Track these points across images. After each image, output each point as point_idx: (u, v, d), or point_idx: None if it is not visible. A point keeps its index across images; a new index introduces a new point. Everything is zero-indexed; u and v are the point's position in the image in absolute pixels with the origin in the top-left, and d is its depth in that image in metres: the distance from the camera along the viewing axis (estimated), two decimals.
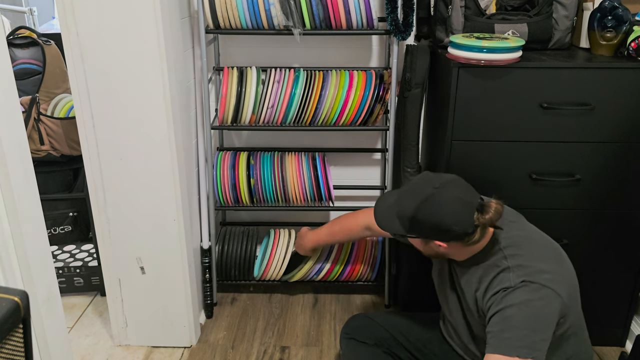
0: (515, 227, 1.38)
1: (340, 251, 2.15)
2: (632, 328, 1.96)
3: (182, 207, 1.81)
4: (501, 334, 1.23)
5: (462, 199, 1.27)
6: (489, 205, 1.28)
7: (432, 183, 1.31)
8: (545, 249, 1.35)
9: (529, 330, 1.21)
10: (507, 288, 1.26)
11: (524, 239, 1.35)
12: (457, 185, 1.31)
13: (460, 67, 1.61)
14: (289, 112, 1.95)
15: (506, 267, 1.29)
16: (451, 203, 1.27)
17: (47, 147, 2.24)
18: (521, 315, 1.22)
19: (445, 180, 1.32)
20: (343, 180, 2.35)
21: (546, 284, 1.24)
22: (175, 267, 1.89)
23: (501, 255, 1.32)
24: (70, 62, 1.63)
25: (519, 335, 1.21)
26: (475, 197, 1.30)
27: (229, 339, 2.06)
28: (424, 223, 1.29)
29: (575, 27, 1.82)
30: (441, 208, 1.27)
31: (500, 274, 1.29)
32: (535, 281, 1.25)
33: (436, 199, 1.28)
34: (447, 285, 1.49)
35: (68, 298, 2.27)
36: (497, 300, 1.27)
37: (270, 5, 1.81)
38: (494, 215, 1.26)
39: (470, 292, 1.37)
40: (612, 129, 1.67)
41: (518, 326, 1.22)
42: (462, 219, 1.26)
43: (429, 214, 1.28)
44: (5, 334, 0.73)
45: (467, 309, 1.41)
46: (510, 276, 1.27)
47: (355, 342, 1.64)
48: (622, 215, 1.78)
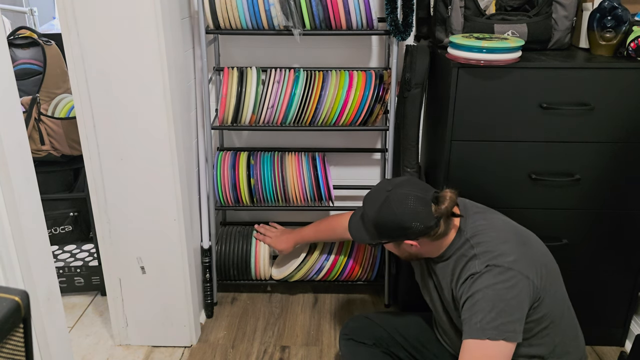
0: (479, 217, 1.41)
1: (340, 251, 2.15)
2: (631, 328, 1.96)
3: (182, 207, 1.81)
4: (470, 320, 1.26)
5: (415, 195, 1.33)
6: (443, 195, 1.33)
7: (385, 187, 1.38)
8: (507, 233, 1.37)
9: (495, 312, 1.23)
10: (474, 274, 1.30)
11: (488, 226, 1.38)
12: (408, 183, 1.37)
13: (460, 67, 1.61)
14: (289, 112, 1.95)
15: (473, 255, 1.32)
16: (405, 200, 1.32)
17: (48, 147, 2.24)
18: (487, 299, 1.25)
19: (397, 182, 1.39)
20: (343, 180, 2.35)
21: (510, 266, 1.27)
22: (175, 267, 1.89)
23: (468, 245, 1.35)
24: (71, 62, 1.64)
25: (486, 319, 1.24)
26: (429, 191, 1.35)
27: (229, 338, 2.06)
28: (387, 226, 1.36)
29: (575, 28, 1.82)
30: (398, 208, 1.33)
31: (468, 263, 1.33)
32: (499, 264, 1.28)
33: (391, 200, 1.34)
34: (429, 286, 1.51)
35: (68, 298, 2.27)
36: (466, 287, 1.30)
37: (270, 5, 1.81)
38: (449, 203, 1.31)
39: (447, 286, 1.40)
40: (612, 129, 1.67)
41: (485, 309, 1.25)
42: (419, 214, 1.31)
43: (388, 216, 1.34)
44: (6, 334, 0.73)
45: (448, 304, 1.44)
46: (476, 263, 1.31)
47: (354, 343, 1.64)
48: (622, 215, 1.78)
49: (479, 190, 1.65)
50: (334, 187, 2.23)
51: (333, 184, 2.15)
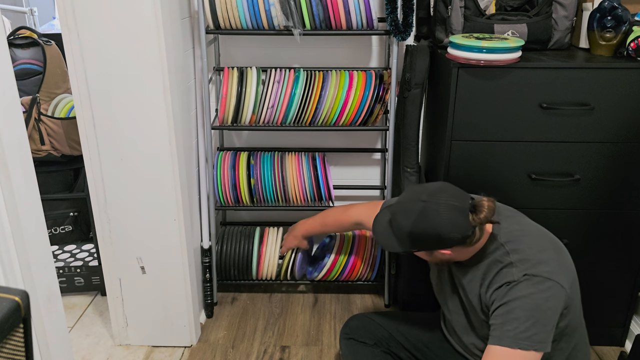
0: (513, 221, 1.40)
1: (340, 251, 2.15)
2: (631, 328, 1.96)
3: (182, 207, 1.81)
4: (503, 327, 1.25)
5: (453, 205, 1.28)
6: (480, 204, 1.28)
7: (419, 196, 1.31)
8: (544, 241, 1.36)
9: (531, 322, 1.23)
10: (510, 282, 1.28)
11: (523, 232, 1.37)
12: (444, 192, 1.31)
13: (460, 67, 1.61)
14: (289, 112, 1.95)
15: (509, 263, 1.30)
16: (444, 212, 1.27)
17: (48, 147, 2.24)
18: (524, 308, 1.24)
19: (432, 190, 1.32)
20: (343, 180, 2.35)
21: (549, 277, 1.26)
22: (175, 267, 1.89)
23: (503, 251, 1.33)
24: (71, 62, 1.64)
25: (521, 328, 1.23)
26: (466, 199, 1.30)
27: (229, 338, 2.06)
28: (423, 238, 1.30)
29: (575, 28, 1.82)
30: (435, 219, 1.27)
31: (503, 269, 1.31)
32: (538, 274, 1.26)
33: (428, 212, 1.28)
34: (447, 286, 1.49)
35: (68, 298, 2.27)
36: (501, 294, 1.28)
37: (271, 5, 1.81)
38: (487, 212, 1.27)
39: (474, 290, 1.38)
40: (612, 129, 1.67)
41: (520, 319, 1.23)
42: (458, 225, 1.27)
43: (425, 229, 1.29)
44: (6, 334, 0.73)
45: (470, 307, 1.42)
46: (513, 271, 1.28)
47: (354, 342, 1.64)
48: (622, 215, 1.78)
49: (479, 190, 1.65)
50: (334, 187, 2.23)
51: (333, 184, 2.15)
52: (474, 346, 1.47)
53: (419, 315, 1.74)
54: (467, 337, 1.48)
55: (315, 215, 1.98)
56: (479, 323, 1.41)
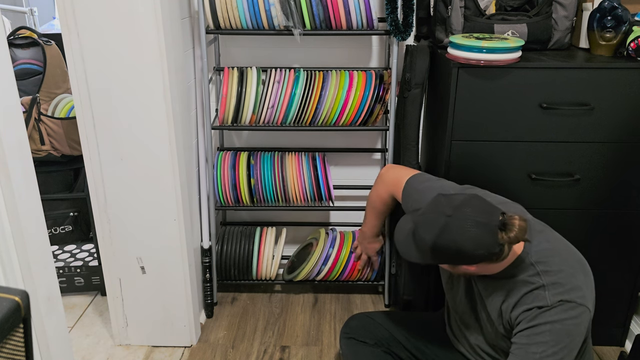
0: (543, 238, 1.34)
1: (341, 251, 2.15)
2: (631, 328, 1.96)
3: (182, 207, 1.81)
4: (528, 348, 1.23)
5: (479, 222, 1.20)
6: (511, 223, 1.21)
7: (444, 210, 1.24)
8: (573, 262, 1.32)
9: (559, 348, 1.22)
10: (543, 307, 1.24)
11: (553, 252, 1.32)
12: (470, 206, 1.24)
13: (460, 67, 1.61)
14: (289, 112, 1.95)
15: (541, 285, 1.26)
16: (468, 229, 1.20)
17: (48, 147, 2.24)
18: (554, 332, 1.22)
19: (457, 203, 1.25)
20: (343, 180, 2.35)
21: (582, 302, 1.24)
22: (175, 267, 1.89)
23: (533, 272, 1.28)
24: (71, 62, 1.64)
25: (548, 352, 1.21)
26: (494, 215, 1.22)
27: (229, 338, 2.06)
28: (446, 253, 1.24)
29: (575, 28, 1.82)
30: (459, 236, 1.21)
31: (534, 291, 1.27)
32: (571, 300, 1.24)
33: (452, 228, 1.21)
34: (461, 287, 1.48)
35: (68, 298, 2.27)
36: (531, 316, 1.26)
37: (271, 5, 1.81)
38: (518, 232, 1.20)
39: (494, 305, 1.35)
40: (612, 129, 1.67)
41: (548, 343, 1.22)
42: (483, 242, 1.20)
43: (448, 245, 1.22)
44: (6, 334, 0.73)
45: (487, 318, 1.39)
46: (546, 295, 1.25)
47: (355, 342, 1.64)
48: (622, 215, 1.78)
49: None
50: (334, 187, 2.23)
51: (333, 184, 2.15)
52: (479, 348, 1.47)
53: (419, 315, 1.74)
54: (475, 338, 1.48)
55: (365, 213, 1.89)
56: (493, 333, 1.40)
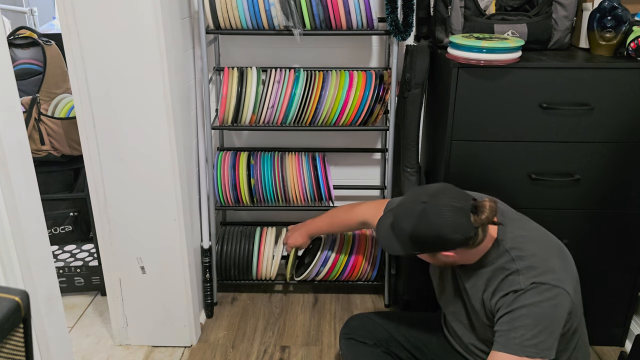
0: (518, 225, 1.38)
1: (340, 251, 2.15)
2: (631, 328, 1.96)
3: (182, 207, 1.81)
4: (509, 334, 1.25)
5: (454, 206, 1.27)
6: (482, 205, 1.27)
7: (420, 197, 1.31)
8: (549, 247, 1.35)
9: (538, 330, 1.22)
10: (517, 290, 1.27)
11: (528, 238, 1.36)
12: (445, 193, 1.31)
13: (460, 67, 1.61)
14: (289, 112, 1.95)
15: (515, 270, 1.29)
16: (444, 213, 1.27)
17: (48, 147, 2.24)
18: (531, 316, 1.24)
19: (432, 191, 1.32)
20: (343, 180, 2.35)
21: (556, 284, 1.25)
22: (175, 267, 1.89)
23: (508, 258, 1.32)
24: (71, 62, 1.64)
25: (527, 336, 1.23)
26: (467, 200, 1.29)
27: (229, 338, 2.06)
28: (425, 239, 1.30)
29: (575, 28, 1.82)
30: (436, 220, 1.27)
31: (509, 277, 1.30)
32: (545, 282, 1.25)
33: (429, 213, 1.28)
34: (449, 286, 1.49)
35: (68, 298, 2.27)
36: (508, 302, 1.28)
37: (271, 5, 1.81)
38: (489, 213, 1.26)
39: (477, 295, 1.37)
40: (612, 129, 1.67)
41: (527, 326, 1.23)
42: (459, 225, 1.26)
43: (426, 230, 1.28)
44: (6, 334, 0.73)
45: (473, 311, 1.41)
46: (520, 279, 1.28)
47: (354, 342, 1.64)
48: (622, 215, 1.78)
49: (478, 190, 1.65)
50: (334, 187, 2.23)
51: (333, 184, 2.15)
52: (474, 347, 1.47)
53: (419, 315, 1.74)
54: (468, 337, 1.48)
55: (322, 215, 1.97)
56: (481, 326, 1.41)
